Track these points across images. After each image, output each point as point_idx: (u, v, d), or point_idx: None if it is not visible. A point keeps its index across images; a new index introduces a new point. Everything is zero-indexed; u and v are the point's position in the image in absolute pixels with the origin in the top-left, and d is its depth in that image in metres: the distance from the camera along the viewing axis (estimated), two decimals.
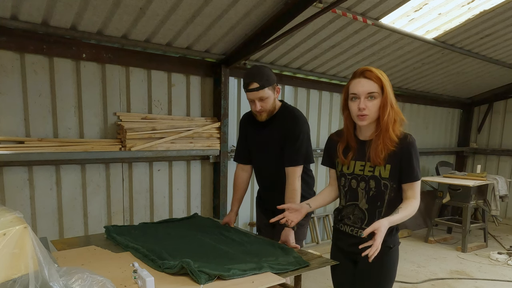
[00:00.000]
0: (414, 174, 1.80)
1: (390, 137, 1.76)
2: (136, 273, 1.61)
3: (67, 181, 3.28)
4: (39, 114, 3.07)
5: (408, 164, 1.79)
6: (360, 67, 1.80)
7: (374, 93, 1.73)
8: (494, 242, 5.78)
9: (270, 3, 3.11)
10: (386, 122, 1.75)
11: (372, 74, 1.74)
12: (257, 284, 1.65)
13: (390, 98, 1.75)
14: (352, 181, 1.90)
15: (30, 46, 2.94)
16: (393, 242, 1.89)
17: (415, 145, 1.79)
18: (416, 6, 3.57)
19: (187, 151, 3.77)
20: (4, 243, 1.23)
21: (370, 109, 1.74)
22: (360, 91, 1.74)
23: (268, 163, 2.49)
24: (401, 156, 1.78)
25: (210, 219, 2.82)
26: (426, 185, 7.00)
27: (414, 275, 4.40)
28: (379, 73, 1.75)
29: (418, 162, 1.81)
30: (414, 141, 1.80)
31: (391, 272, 1.92)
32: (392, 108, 1.75)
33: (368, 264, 1.79)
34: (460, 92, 6.84)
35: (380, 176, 1.82)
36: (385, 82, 1.74)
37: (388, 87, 1.74)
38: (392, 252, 1.89)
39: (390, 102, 1.74)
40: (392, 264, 1.92)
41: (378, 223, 1.68)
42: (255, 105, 2.30)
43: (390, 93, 1.75)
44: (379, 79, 1.73)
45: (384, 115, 1.74)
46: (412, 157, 1.78)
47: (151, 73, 3.62)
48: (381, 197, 1.84)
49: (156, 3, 2.85)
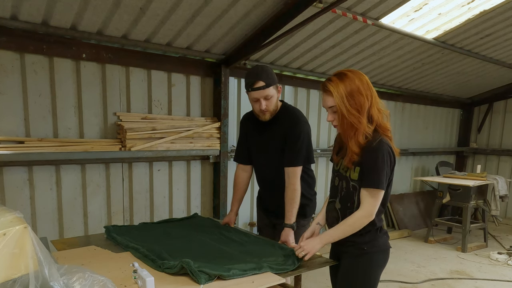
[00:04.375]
0: (370, 180, 1.75)
1: (351, 146, 1.76)
2: (136, 273, 1.61)
3: (67, 181, 3.28)
4: (39, 114, 3.07)
5: (366, 169, 1.76)
6: (325, 78, 1.83)
7: (333, 107, 1.77)
8: (494, 242, 5.78)
9: (270, 3, 3.11)
10: (343, 132, 1.78)
11: (327, 87, 1.75)
12: (257, 284, 1.65)
13: (340, 110, 1.73)
14: (336, 179, 1.94)
15: (30, 46, 2.94)
16: (368, 245, 1.84)
17: (380, 151, 1.73)
18: (416, 6, 3.57)
19: (187, 151, 3.77)
20: (4, 243, 1.23)
21: (336, 120, 1.80)
22: (324, 106, 1.83)
23: (268, 163, 2.49)
24: (364, 159, 1.76)
25: (210, 219, 2.82)
26: (426, 185, 7.00)
27: (414, 275, 4.40)
28: (331, 85, 1.74)
29: (380, 170, 1.73)
30: (380, 148, 1.73)
31: (366, 276, 1.86)
32: (344, 118, 1.73)
33: (345, 264, 1.89)
34: (460, 92, 6.84)
35: (350, 177, 1.83)
36: (336, 93, 1.72)
37: (338, 98, 1.72)
38: (370, 256, 1.84)
39: (340, 113, 1.74)
40: (367, 268, 1.85)
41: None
42: (260, 104, 2.28)
43: (339, 104, 1.72)
44: (330, 92, 1.74)
45: (342, 126, 1.78)
46: (371, 162, 1.74)
47: (151, 73, 3.62)
48: (350, 198, 1.84)
49: (156, 3, 2.85)
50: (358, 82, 1.73)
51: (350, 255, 1.88)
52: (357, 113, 1.72)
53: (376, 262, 1.87)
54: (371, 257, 1.85)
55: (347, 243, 1.87)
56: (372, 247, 1.84)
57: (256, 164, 2.61)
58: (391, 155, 1.77)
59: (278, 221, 2.47)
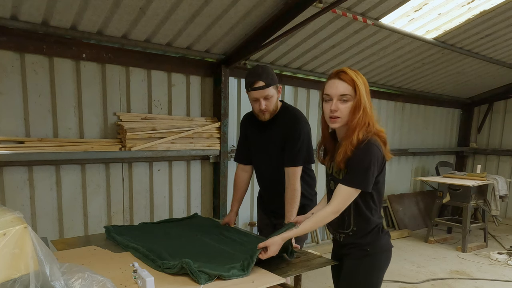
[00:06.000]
0: (349, 177, 1.70)
1: (351, 141, 1.68)
2: (136, 273, 1.61)
3: (67, 181, 3.28)
4: (39, 114, 3.07)
5: (350, 168, 1.71)
6: (338, 68, 1.73)
7: (347, 96, 1.67)
8: (494, 242, 5.78)
9: (270, 3, 3.11)
10: (354, 126, 1.68)
11: (346, 76, 1.67)
12: (257, 284, 1.65)
13: (363, 102, 1.67)
14: (331, 182, 1.88)
15: (30, 46, 2.94)
16: (370, 246, 1.82)
17: (368, 151, 1.67)
18: (416, 6, 3.57)
19: (187, 151, 3.77)
20: (4, 243, 1.23)
21: (342, 111, 1.69)
22: (333, 93, 1.69)
23: (268, 164, 2.49)
24: (351, 158, 1.70)
25: (210, 219, 2.83)
26: (426, 185, 7.01)
27: (414, 275, 4.40)
28: (354, 75, 1.68)
29: (363, 170, 1.67)
30: (369, 148, 1.67)
31: (368, 278, 1.84)
32: (364, 112, 1.67)
33: (348, 266, 1.87)
34: (460, 92, 6.84)
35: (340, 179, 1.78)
36: (360, 84, 1.67)
37: (362, 90, 1.66)
38: (372, 257, 1.82)
39: (363, 106, 1.67)
40: (369, 269, 1.83)
41: (272, 240, 1.78)
42: (260, 103, 2.29)
43: (363, 96, 1.67)
44: (353, 81, 1.66)
45: (354, 118, 1.67)
46: (355, 160, 1.68)
47: (151, 73, 3.62)
48: None
49: (156, 3, 2.85)
50: (366, 82, 1.74)
51: (352, 257, 1.86)
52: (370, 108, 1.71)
53: (379, 263, 1.85)
54: (374, 258, 1.83)
55: (349, 245, 1.86)
56: (375, 248, 1.83)
57: (256, 164, 2.61)
58: (379, 155, 1.70)
59: (278, 221, 2.47)
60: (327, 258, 2.03)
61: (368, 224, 1.81)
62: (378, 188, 1.79)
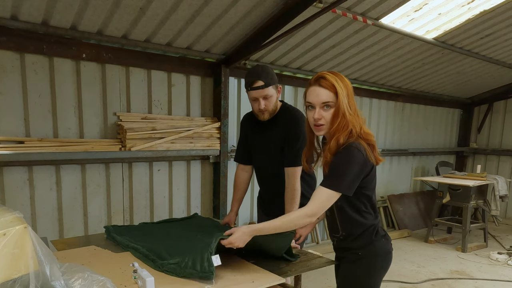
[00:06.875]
0: (327, 180, 1.65)
1: (330, 146, 1.65)
2: (136, 273, 1.61)
3: (67, 181, 3.28)
4: (39, 114, 3.07)
5: (330, 170, 1.67)
6: (317, 73, 1.69)
7: (329, 102, 1.64)
8: (494, 242, 5.78)
9: (270, 3, 3.11)
10: (333, 131, 1.65)
11: (326, 82, 1.63)
12: (257, 284, 1.65)
13: (342, 108, 1.62)
14: None
15: (30, 46, 2.94)
16: (363, 250, 1.77)
17: (348, 154, 1.62)
18: (416, 6, 3.57)
19: (187, 151, 3.77)
20: (4, 243, 1.23)
21: (326, 118, 1.66)
22: (315, 101, 1.66)
23: (268, 164, 2.49)
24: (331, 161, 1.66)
25: (210, 219, 2.82)
26: (426, 185, 7.00)
27: (414, 275, 4.40)
28: (334, 80, 1.64)
29: (342, 173, 1.62)
30: (349, 151, 1.62)
31: (363, 282, 1.79)
32: (344, 117, 1.63)
33: (343, 269, 1.86)
34: (460, 92, 6.84)
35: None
36: (340, 89, 1.62)
37: (342, 96, 1.62)
38: (366, 261, 1.77)
39: (342, 112, 1.62)
40: (363, 274, 1.78)
41: (237, 228, 1.73)
42: (259, 103, 2.29)
43: (342, 102, 1.62)
44: (334, 87, 1.62)
45: (334, 124, 1.64)
46: (334, 163, 1.64)
47: (151, 73, 3.62)
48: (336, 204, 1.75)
49: (156, 3, 2.85)
50: (349, 84, 1.69)
51: (347, 260, 1.84)
52: (354, 113, 1.66)
53: (374, 267, 1.79)
54: (367, 262, 1.78)
55: (342, 249, 1.85)
56: (368, 252, 1.77)
57: (256, 164, 2.61)
58: (360, 159, 1.63)
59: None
60: (327, 258, 2.03)
61: (358, 228, 1.76)
62: (367, 191, 1.73)
